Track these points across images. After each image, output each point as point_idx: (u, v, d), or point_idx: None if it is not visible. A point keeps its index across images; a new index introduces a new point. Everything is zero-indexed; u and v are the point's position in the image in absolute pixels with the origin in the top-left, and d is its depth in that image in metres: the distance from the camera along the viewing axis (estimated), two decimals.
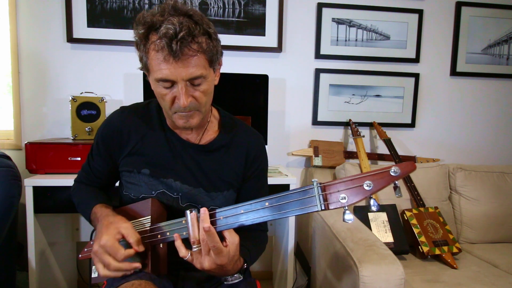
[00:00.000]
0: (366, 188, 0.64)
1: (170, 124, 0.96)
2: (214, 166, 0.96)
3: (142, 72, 1.90)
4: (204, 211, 0.75)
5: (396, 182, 0.64)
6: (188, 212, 0.77)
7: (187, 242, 0.79)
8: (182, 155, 0.95)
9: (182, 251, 0.77)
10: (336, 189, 0.66)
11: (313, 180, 0.69)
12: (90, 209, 0.94)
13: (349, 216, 0.66)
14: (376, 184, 0.64)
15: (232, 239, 0.77)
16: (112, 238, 0.79)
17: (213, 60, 0.84)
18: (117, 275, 0.81)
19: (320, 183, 0.68)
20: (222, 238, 0.77)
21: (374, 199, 0.66)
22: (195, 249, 0.77)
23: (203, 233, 0.74)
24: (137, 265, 0.82)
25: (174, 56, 0.76)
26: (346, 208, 0.66)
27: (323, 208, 0.67)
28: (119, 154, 0.96)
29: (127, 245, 0.82)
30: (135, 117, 0.96)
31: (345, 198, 0.65)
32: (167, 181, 0.93)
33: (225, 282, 0.82)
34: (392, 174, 0.63)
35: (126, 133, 0.95)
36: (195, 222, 0.76)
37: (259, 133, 1.06)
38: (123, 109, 0.99)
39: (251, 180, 1.01)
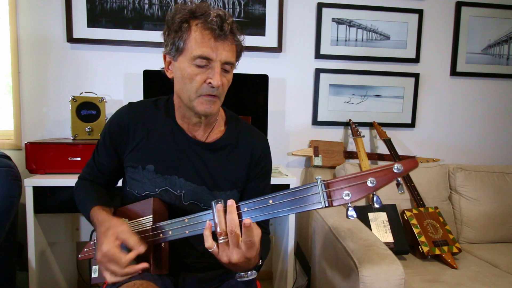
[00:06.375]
0: (370, 185, 0.64)
1: (178, 120, 0.97)
2: (219, 165, 0.97)
3: (142, 72, 1.90)
4: (231, 203, 0.74)
5: (399, 179, 0.65)
6: (214, 203, 0.75)
7: (186, 244, 0.78)
8: (187, 152, 0.95)
9: (209, 241, 0.74)
10: (340, 186, 0.67)
11: (316, 177, 0.69)
12: (88, 211, 0.95)
13: (352, 212, 0.67)
14: (380, 181, 0.64)
15: (257, 231, 0.75)
16: (112, 247, 0.80)
17: (239, 55, 0.92)
18: (126, 278, 0.82)
19: (324, 180, 0.68)
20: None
21: (377, 196, 0.67)
22: (221, 241, 0.74)
23: (231, 225, 0.72)
24: (143, 265, 0.82)
25: (222, 36, 0.83)
26: (350, 204, 0.67)
27: (327, 205, 0.67)
28: (124, 149, 0.97)
29: (129, 249, 0.82)
30: (142, 113, 0.97)
31: (348, 195, 0.66)
32: (171, 178, 0.94)
33: (239, 279, 0.80)
34: (395, 171, 0.64)
35: (132, 128, 0.95)
36: (222, 213, 0.74)
37: (263, 134, 1.07)
38: (131, 104, 1.00)
39: (254, 180, 1.01)
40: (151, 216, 0.87)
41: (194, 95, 0.87)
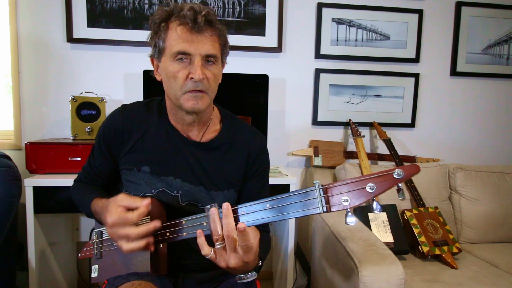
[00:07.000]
0: (369, 190, 0.62)
1: (172, 121, 0.96)
2: (215, 164, 0.96)
3: (142, 72, 1.90)
4: (227, 206, 0.72)
5: (400, 184, 0.62)
6: (208, 207, 0.73)
7: (185, 245, 0.76)
8: (183, 152, 0.95)
9: (205, 249, 0.72)
10: (338, 191, 0.65)
11: (314, 182, 0.67)
12: (89, 205, 0.94)
13: (352, 219, 0.65)
14: (379, 186, 0.62)
15: (253, 233, 0.74)
16: (115, 213, 0.77)
17: (224, 48, 0.91)
18: (141, 245, 0.77)
19: (322, 185, 0.66)
20: None
21: (377, 201, 0.64)
22: (218, 247, 0.72)
23: (228, 229, 0.70)
24: (155, 223, 0.79)
25: (197, 30, 0.83)
26: (349, 210, 0.65)
27: (325, 210, 0.65)
28: (119, 152, 0.96)
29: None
30: (136, 114, 0.97)
31: (347, 200, 0.64)
32: (167, 179, 0.93)
33: (239, 281, 0.79)
34: (395, 176, 0.61)
35: (127, 130, 0.95)
36: (217, 218, 0.72)
37: (261, 133, 1.06)
38: (124, 107, 0.99)
39: (252, 179, 1.01)
40: (149, 217, 0.87)
41: (180, 92, 0.86)
